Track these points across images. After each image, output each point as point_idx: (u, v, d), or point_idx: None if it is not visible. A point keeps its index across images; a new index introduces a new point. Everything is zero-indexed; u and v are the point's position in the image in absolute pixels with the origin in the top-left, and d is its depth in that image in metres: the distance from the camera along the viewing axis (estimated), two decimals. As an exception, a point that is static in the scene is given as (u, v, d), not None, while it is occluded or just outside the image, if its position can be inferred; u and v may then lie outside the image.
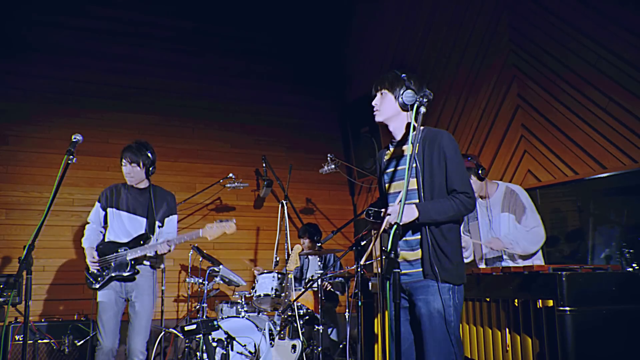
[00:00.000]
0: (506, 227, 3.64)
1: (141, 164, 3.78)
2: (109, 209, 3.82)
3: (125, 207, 3.80)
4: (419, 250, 2.48)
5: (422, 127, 2.49)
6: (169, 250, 3.70)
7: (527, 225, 3.59)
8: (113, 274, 3.69)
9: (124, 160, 3.76)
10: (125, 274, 3.68)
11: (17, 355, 4.44)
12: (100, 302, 3.69)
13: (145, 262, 3.78)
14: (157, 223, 3.83)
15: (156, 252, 3.70)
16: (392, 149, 2.64)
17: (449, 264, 2.43)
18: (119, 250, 3.72)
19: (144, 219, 3.81)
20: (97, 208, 3.88)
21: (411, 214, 2.38)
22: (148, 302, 3.74)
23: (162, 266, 3.96)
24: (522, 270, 3.00)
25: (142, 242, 3.73)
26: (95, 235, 3.86)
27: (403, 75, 2.57)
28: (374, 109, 2.63)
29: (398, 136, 2.63)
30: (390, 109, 2.58)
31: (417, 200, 2.47)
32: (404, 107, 2.55)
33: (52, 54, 5.79)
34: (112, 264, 3.71)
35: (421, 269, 2.44)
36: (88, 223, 3.90)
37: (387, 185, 2.61)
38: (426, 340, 2.36)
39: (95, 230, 3.87)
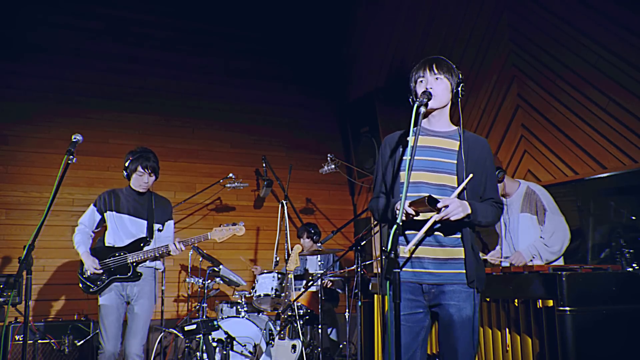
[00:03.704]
0: (527, 229, 3.61)
1: (157, 175, 3.88)
2: (108, 213, 3.84)
3: (126, 210, 3.83)
4: (456, 250, 2.34)
5: (457, 127, 2.45)
6: (179, 251, 3.74)
7: (546, 230, 3.57)
8: (113, 277, 3.71)
9: (142, 170, 3.78)
10: (127, 277, 3.71)
11: (17, 355, 4.44)
12: (102, 306, 3.68)
13: (148, 264, 3.80)
14: (156, 226, 3.88)
15: (168, 252, 3.74)
16: (421, 137, 2.39)
17: (481, 270, 2.37)
18: (117, 254, 3.74)
19: (145, 222, 3.85)
20: (93, 212, 3.88)
21: (465, 209, 2.24)
22: (147, 305, 3.75)
23: (161, 267, 3.99)
24: (522, 270, 3.00)
25: (142, 245, 3.77)
26: (87, 239, 3.86)
27: (454, 65, 2.43)
28: (430, 93, 2.32)
29: (435, 126, 2.44)
30: (446, 97, 2.40)
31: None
32: (454, 98, 2.42)
33: (52, 54, 5.79)
34: (112, 268, 3.73)
35: (464, 272, 2.32)
36: (78, 226, 3.89)
37: (412, 172, 2.32)
38: (457, 347, 2.29)
39: (87, 234, 3.87)
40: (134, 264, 3.72)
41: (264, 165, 6.29)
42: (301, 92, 6.92)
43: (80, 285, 3.79)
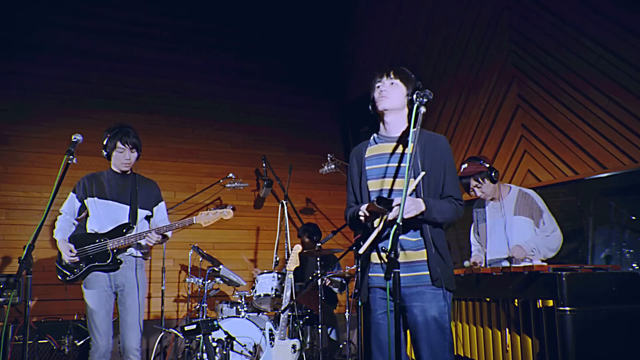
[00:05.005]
0: (522, 231, 3.63)
1: (139, 151, 3.67)
2: (88, 199, 3.63)
3: (109, 195, 3.63)
4: (418, 253, 2.40)
5: (417, 128, 2.47)
6: (159, 240, 3.54)
7: (546, 229, 3.61)
8: (92, 264, 3.51)
9: (122, 146, 3.60)
10: (106, 264, 3.51)
11: (17, 355, 4.44)
12: (90, 303, 3.51)
13: (135, 253, 3.62)
14: (143, 212, 3.68)
15: (147, 242, 3.54)
16: (380, 144, 2.55)
17: (447, 269, 2.41)
18: (97, 241, 3.54)
19: (127, 206, 3.64)
20: (72, 199, 3.66)
21: (419, 207, 2.31)
22: (137, 295, 3.55)
23: (148, 257, 3.80)
24: (522, 270, 3.00)
25: (124, 231, 3.55)
26: (68, 227, 3.67)
27: (412, 75, 2.57)
28: (382, 94, 2.53)
29: (392, 132, 2.55)
30: (399, 101, 2.52)
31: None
32: (409, 105, 2.50)
33: (53, 54, 5.79)
34: (91, 255, 3.52)
35: (427, 273, 2.37)
36: (60, 214, 3.69)
37: (373, 181, 2.51)
38: (422, 348, 2.33)
39: (68, 222, 3.67)
40: (114, 250, 3.51)
41: (264, 165, 6.29)
42: (301, 92, 6.92)
43: (58, 274, 3.59)
